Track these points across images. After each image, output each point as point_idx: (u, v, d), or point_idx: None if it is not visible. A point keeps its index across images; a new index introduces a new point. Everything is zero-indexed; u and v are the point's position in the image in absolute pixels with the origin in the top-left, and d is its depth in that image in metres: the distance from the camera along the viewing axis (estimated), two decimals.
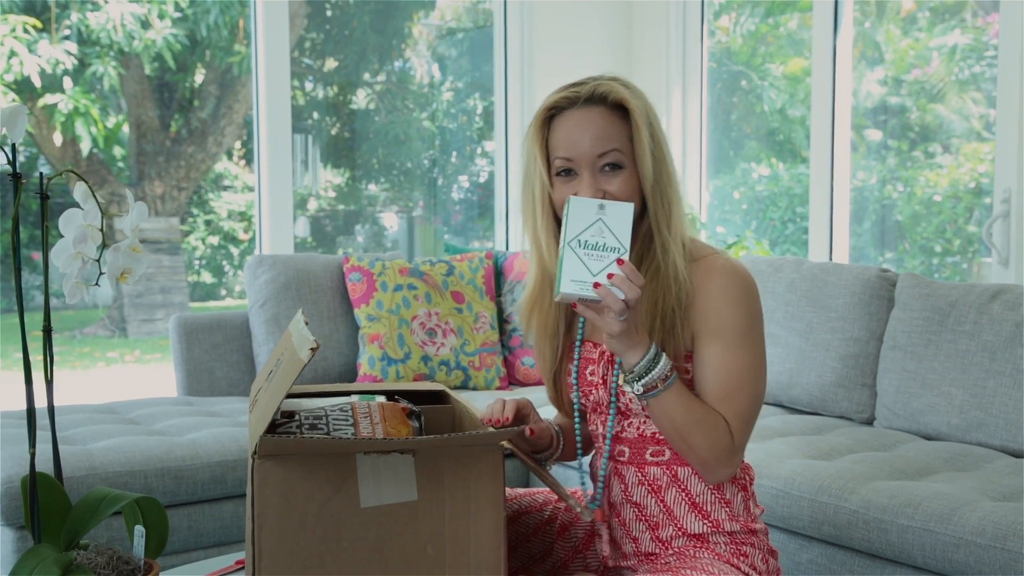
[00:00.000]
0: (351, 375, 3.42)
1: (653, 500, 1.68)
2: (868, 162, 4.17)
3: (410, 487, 1.45)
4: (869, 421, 2.94)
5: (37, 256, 4.85)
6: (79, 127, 4.84)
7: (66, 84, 4.80)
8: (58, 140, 4.89)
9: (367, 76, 5.49)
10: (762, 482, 2.42)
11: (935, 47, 4.05)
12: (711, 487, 1.67)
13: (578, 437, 1.78)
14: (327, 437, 1.52)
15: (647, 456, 1.69)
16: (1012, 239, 3.24)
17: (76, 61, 4.83)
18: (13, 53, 4.61)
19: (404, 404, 1.69)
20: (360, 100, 5.47)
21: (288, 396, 1.65)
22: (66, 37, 4.83)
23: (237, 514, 2.65)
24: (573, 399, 1.77)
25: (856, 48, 4.00)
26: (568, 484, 2.78)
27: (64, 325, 5.79)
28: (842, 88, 3.87)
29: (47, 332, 1.64)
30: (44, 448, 1.96)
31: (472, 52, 5.26)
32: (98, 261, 1.65)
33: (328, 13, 5.34)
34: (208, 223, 5.70)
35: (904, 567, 2.20)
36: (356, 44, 5.37)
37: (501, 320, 3.57)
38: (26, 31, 4.67)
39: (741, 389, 1.62)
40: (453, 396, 1.80)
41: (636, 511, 1.69)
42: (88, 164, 5.05)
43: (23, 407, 1.63)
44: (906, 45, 4.14)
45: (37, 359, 1.62)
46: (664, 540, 1.68)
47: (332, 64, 5.50)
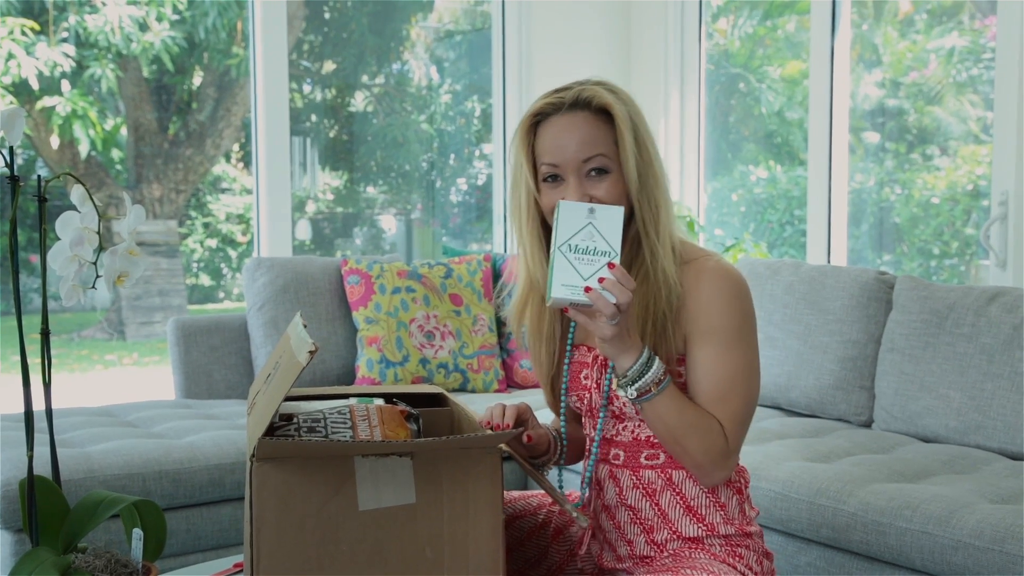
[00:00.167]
0: (349, 378, 3.42)
1: (648, 503, 1.68)
2: (866, 164, 4.17)
3: (408, 490, 1.45)
4: (867, 424, 2.95)
5: (35, 259, 4.84)
6: (77, 130, 4.84)
7: (64, 87, 4.80)
8: (56, 143, 4.89)
9: (365, 78, 5.50)
10: (760, 484, 2.42)
11: (933, 49, 4.06)
12: (706, 491, 1.67)
13: (564, 441, 1.78)
14: (325, 440, 1.52)
15: (642, 460, 1.69)
16: (1010, 241, 3.25)
17: (74, 63, 4.83)
18: (11, 55, 4.62)
19: (402, 407, 1.69)
20: (358, 102, 5.47)
21: (286, 399, 1.65)
22: (64, 39, 4.83)
23: (235, 517, 2.65)
24: (562, 402, 1.77)
25: (854, 50, 4.01)
26: (569, 484, 2.78)
27: (62, 328, 5.79)
28: (840, 90, 3.88)
29: (45, 335, 1.63)
30: (42, 451, 1.96)
31: (470, 54, 5.26)
32: (95, 264, 1.65)
33: (326, 15, 5.35)
34: (206, 226, 5.70)
35: (902, 570, 2.20)
36: (354, 47, 5.37)
37: (499, 323, 3.57)
38: (24, 33, 4.67)
39: (734, 391, 1.62)
40: (451, 399, 1.80)
41: (631, 514, 1.69)
42: (86, 167, 5.05)
43: (21, 410, 1.63)
44: (904, 47, 4.14)
45: (35, 362, 1.62)
46: (659, 543, 1.68)
47: (330, 67, 5.50)
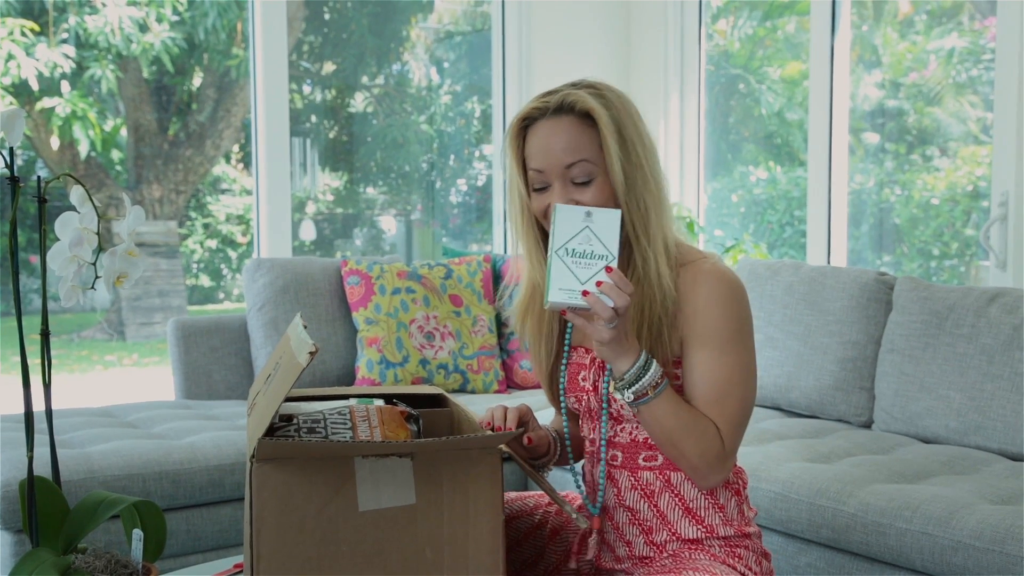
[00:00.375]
0: (349, 378, 3.42)
1: (646, 505, 1.68)
2: (866, 165, 4.17)
3: (408, 490, 1.45)
4: (867, 424, 2.95)
5: (35, 260, 4.85)
6: (76, 131, 4.84)
7: (63, 88, 4.80)
8: (55, 144, 4.89)
9: (365, 79, 5.50)
10: (760, 485, 2.42)
11: (932, 50, 4.06)
12: (704, 492, 1.67)
13: (568, 442, 1.78)
14: (325, 440, 1.52)
15: (640, 461, 1.68)
16: (1010, 242, 3.25)
17: (74, 64, 4.83)
18: (11, 56, 4.62)
19: (402, 408, 1.69)
20: (358, 103, 5.47)
21: (286, 400, 1.65)
22: (64, 40, 4.83)
23: (235, 518, 2.65)
24: (562, 402, 1.77)
25: (854, 51, 4.01)
26: (567, 486, 2.78)
27: (62, 328, 5.79)
28: (840, 91, 3.88)
29: (45, 335, 1.63)
30: (42, 452, 1.96)
31: (470, 55, 5.26)
32: (94, 265, 1.65)
33: (326, 16, 5.35)
34: (206, 226, 5.70)
35: (902, 570, 2.20)
36: (354, 47, 5.37)
37: (499, 323, 3.57)
38: (24, 34, 4.67)
39: (731, 394, 1.61)
40: (451, 400, 1.80)
41: (629, 515, 1.69)
42: (86, 167, 5.05)
43: (21, 411, 1.63)
44: (903, 48, 4.14)
45: (35, 363, 1.62)
46: (658, 544, 1.68)
47: (330, 67, 5.50)
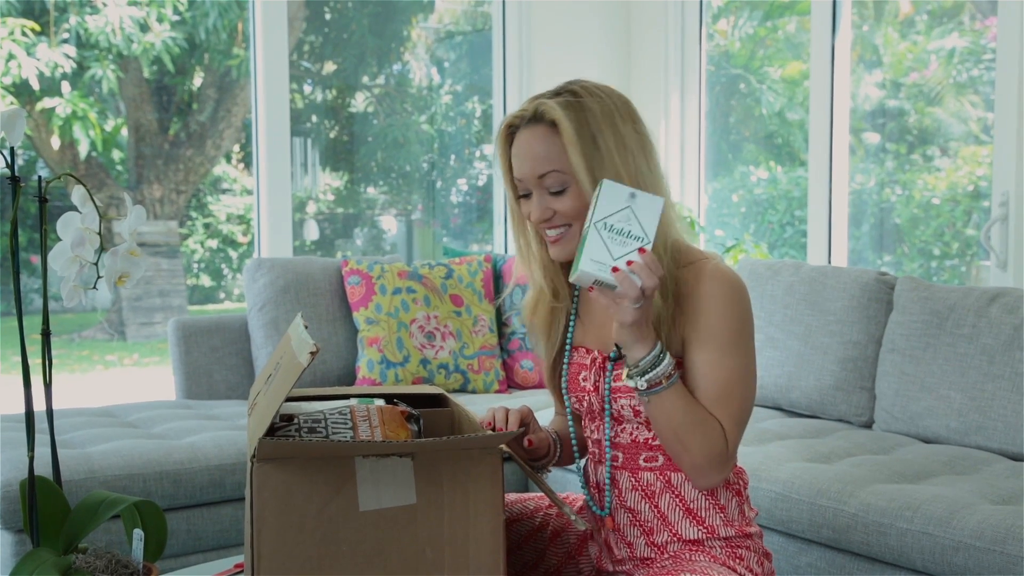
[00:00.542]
0: (350, 378, 3.42)
1: (647, 506, 1.68)
2: (866, 165, 4.17)
3: (409, 490, 1.45)
4: (868, 424, 2.94)
5: (36, 259, 4.85)
6: (77, 131, 4.85)
7: (64, 88, 4.81)
8: (56, 144, 4.89)
9: (366, 79, 5.50)
10: (761, 485, 2.42)
11: (933, 50, 4.06)
12: (705, 493, 1.67)
13: (574, 441, 1.78)
14: (326, 440, 1.52)
15: (640, 462, 1.68)
16: (1010, 242, 3.25)
17: (75, 64, 4.83)
18: (11, 56, 4.62)
19: (403, 407, 1.69)
20: (359, 103, 5.47)
21: (287, 400, 1.65)
22: (65, 40, 4.83)
23: (236, 517, 2.65)
24: (566, 402, 1.77)
25: (854, 51, 4.01)
26: (568, 487, 2.78)
27: (63, 328, 5.79)
28: (840, 91, 3.88)
29: (46, 335, 1.64)
30: (43, 451, 1.96)
31: (471, 55, 5.26)
32: (96, 265, 1.65)
33: (327, 16, 5.35)
34: (207, 226, 5.70)
35: (903, 570, 2.20)
36: (355, 47, 5.37)
37: (500, 323, 3.57)
38: (24, 34, 4.67)
39: (733, 394, 1.62)
40: (452, 400, 1.80)
41: (630, 516, 1.69)
42: (87, 167, 5.05)
43: (22, 410, 1.63)
44: (904, 48, 4.14)
45: (36, 362, 1.62)
46: (659, 545, 1.67)
47: (331, 67, 5.50)
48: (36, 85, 4.70)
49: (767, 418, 3.03)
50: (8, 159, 1.58)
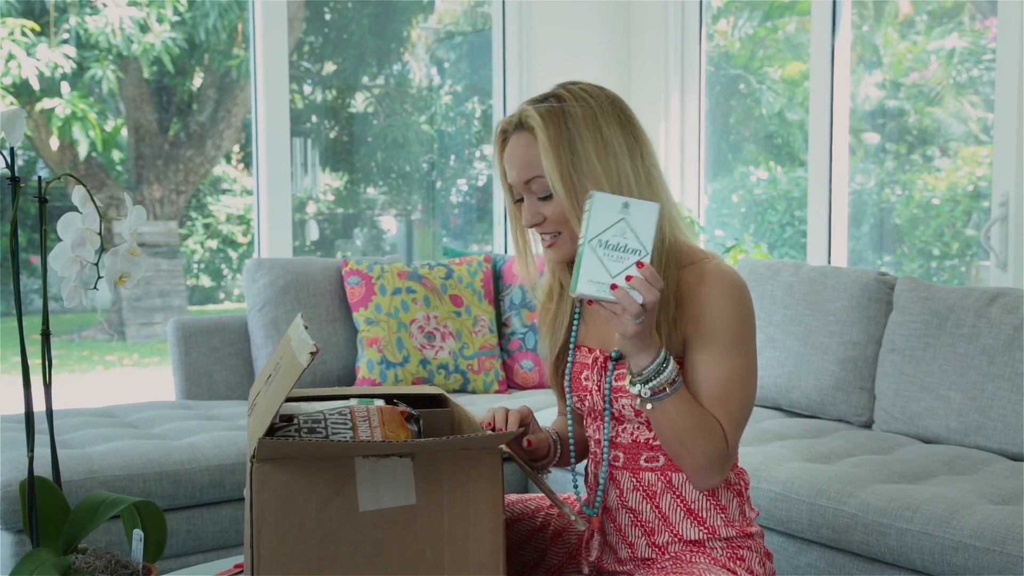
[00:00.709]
0: (349, 379, 3.42)
1: (648, 506, 1.68)
2: (866, 165, 4.17)
3: (409, 490, 1.45)
4: (868, 424, 2.95)
5: (36, 260, 4.85)
6: (76, 131, 4.85)
7: (64, 89, 4.80)
8: (56, 144, 4.89)
9: (366, 79, 5.50)
10: (761, 485, 2.42)
11: (933, 50, 4.06)
12: (706, 493, 1.67)
13: (572, 442, 1.78)
14: (326, 440, 1.52)
15: (641, 462, 1.68)
16: (1010, 242, 3.25)
17: (75, 65, 4.83)
18: (11, 56, 4.62)
19: (403, 408, 1.69)
20: (359, 103, 5.47)
21: (286, 400, 1.65)
22: (64, 41, 4.83)
23: (236, 518, 2.65)
24: (567, 401, 1.77)
25: (854, 51, 4.01)
26: (568, 487, 2.78)
27: (62, 329, 5.79)
28: (840, 91, 3.88)
29: (45, 336, 1.64)
30: (43, 452, 1.96)
31: (471, 56, 5.26)
32: (96, 265, 1.65)
33: (327, 17, 5.35)
34: (207, 227, 5.70)
35: (903, 570, 2.20)
36: (355, 48, 5.37)
37: (500, 324, 3.57)
38: (24, 34, 4.67)
39: (734, 394, 1.62)
40: (452, 400, 1.80)
41: (631, 516, 1.69)
42: (86, 168, 5.05)
43: (22, 411, 1.63)
44: (904, 48, 4.14)
45: (36, 363, 1.62)
46: (660, 546, 1.67)
47: (331, 68, 5.50)
48: (36, 85, 4.70)
49: (767, 418, 3.03)
50: (8, 159, 1.58)
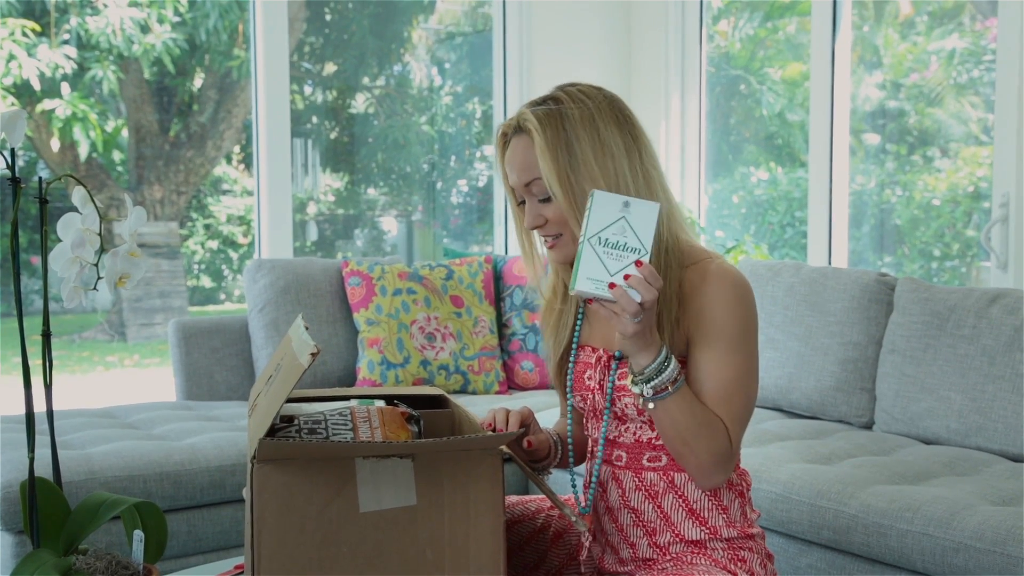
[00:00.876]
0: (350, 379, 3.42)
1: (650, 506, 1.68)
2: (867, 166, 4.17)
3: (409, 491, 1.45)
4: (868, 425, 2.94)
5: (36, 260, 4.85)
6: (77, 132, 4.85)
7: (64, 90, 4.80)
8: (56, 145, 4.89)
9: (366, 80, 5.50)
10: (761, 486, 2.42)
11: (933, 51, 4.06)
12: (708, 493, 1.67)
13: (570, 442, 1.78)
14: (326, 441, 1.52)
15: (644, 462, 1.68)
16: (1011, 243, 3.25)
17: (75, 65, 4.83)
18: (12, 57, 4.62)
19: (403, 408, 1.69)
20: (359, 104, 5.47)
21: (287, 401, 1.65)
22: (65, 41, 4.83)
23: (236, 519, 2.65)
24: (568, 401, 1.77)
25: (854, 52, 4.01)
26: (568, 489, 2.78)
27: (63, 329, 5.79)
28: (841, 92, 3.88)
29: (46, 336, 1.64)
30: (43, 452, 1.96)
31: (471, 56, 5.26)
32: (96, 266, 1.65)
33: (327, 17, 5.35)
34: (207, 227, 5.70)
35: (903, 571, 2.20)
36: (355, 48, 5.37)
37: (500, 324, 3.57)
38: (25, 35, 4.67)
39: (737, 393, 1.62)
40: (452, 401, 1.80)
41: (633, 516, 1.69)
42: (87, 168, 5.05)
43: (22, 411, 1.63)
44: (904, 49, 4.14)
45: (36, 363, 1.62)
46: (661, 546, 1.67)
47: (331, 68, 5.50)
48: (37, 86, 4.70)
49: (767, 419, 3.03)
50: (9, 160, 1.58)
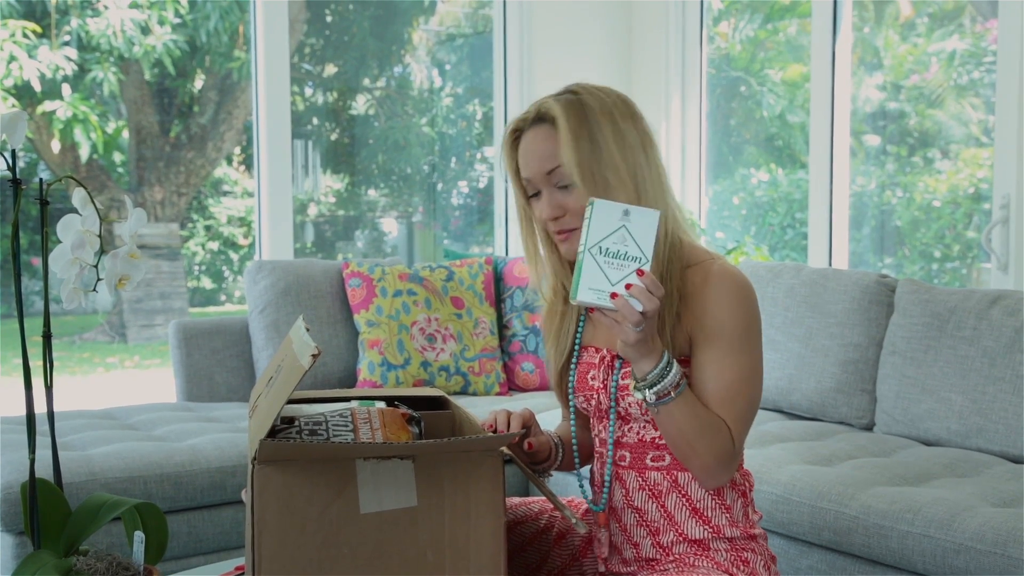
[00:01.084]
0: (351, 381, 3.42)
1: (654, 505, 1.68)
2: (867, 167, 4.17)
3: (410, 493, 1.45)
4: (869, 427, 2.94)
5: (37, 262, 4.85)
6: (78, 134, 4.85)
7: (65, 91, 4.81)
8: (57, 146, 4.89)
9: (367, 82, 5.50)
10: (762, 488, 2.42)
11: (934, 52, 4.06)
12: (711, 492, 1.67)
13: (576, 446, 1.78)
14: (327, 442, 1.52)
15: (647, 461, 1.68)
16: (1011, 245, 3.25)
17: (76, 67, 4.83)
18: (13, 58, 4.62)
19: (404, 410, 1.69)
20: (360, 105, 5.47)
21: (288, 402, 1.65)
22: (66, 43, 4.83)
23: (237, 520, 2.65)
24: (571, 403, 1.76)
25: (855, 54, 4.01)
26: (568, 490, 2.78)
27: (64, 331, 5.79)
28: (841, 93, 3.88)
29: (47, 338, 1.64)
30: (44, 454, 1.96)
31: (472, 58, 5.26)
32: (96, 267, 1.65)
33: (328, 19, 5.35)
34: (208, 228, 5.69)
35: (904, 573, 2.20)
36: (356, 50, 5.37)
37: (501, 325, 3.57)
38: (26, 36, 4.67)
39: (741, 393, 1.62)
40: (453, 402, 1.80)
41: (637, 516, 1.69)
42: (88, 170, 5.05)
43: (23, 413, 1.63)
44: (905, 51, 4.14)
45: (37, 365, 1.62)
46: (665, 546, 1.67)
47: (332, 70, 5.50)
48: (37, 87, 4.70)
49: (768, 420, 3.03)
50: (9, 161, 1.58)
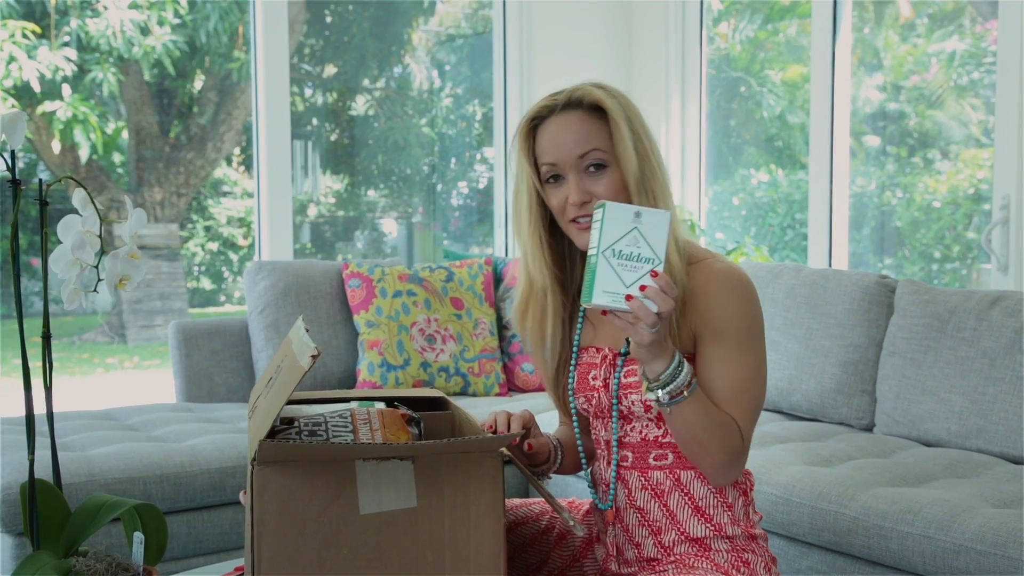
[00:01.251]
0: (350, 381, 3.42)
1: (656, 504, 1.68)
2: (867, 168, 4.17)
3: (409, 493, 1.45)
4: (869, 427, 2.94)
5: (36, 262, 4.84)
6: (77, 134, 4.84)
7: (64, 92, 4.81)
8: (56, 147, 4.89)
9: (366, 82, 5.50)
10: (762, 488, 2.42)
11: (934, 53, 4.06)
12: (714, 491, 1.67)
13: (580, 449, 1.78)
14: (327, 443, 1.52)
15: (650, 460, 1.68)
16: (1011, 245, 3.25)
17: (75, 67, 4.83)
18: (12, 58, 4.62)
19: (404, 411, 1.69)
20: (359, 106, 5.47)
21: (287, 403, 1.65)
22: (65, 43, 4.83)
23: (236, 520, 2.65)
24: (572, 406, 1.76)
25: (855, 54, 4.01)
26: (568, 491, 2.78)
27: (63, 331, 5.79)
28: (841, 94, 3.88)
29: (46, 338, 1.64)
30: (43, 454, 1.96)
31: (471, 58, 5.26)
32: (96, 267, 1.65)
33: (328, 19, 5.35)
34: (207, 229, 5.69)
35: (904, 574, 2.20)
36: (355, 50, 5.37)
37: (500, 326, 3.57)
38: (25, 36, 4.67)
39: (747, 390, 1.63)
40: (452, 403, 1.80)
41: (639, 516, 1.69)
42: (87, 170, 5.05)
43: (22, 413, 1.63)
44: (905, 51, 4.14)
45: (36, 365, 1.62)
46: (666, 545, 1.67)
47: (331, 70, 5.50)
48: (37, 88, 4.70)
49: (768, 421, 3.03)
50: (9, 162, 1.58)
